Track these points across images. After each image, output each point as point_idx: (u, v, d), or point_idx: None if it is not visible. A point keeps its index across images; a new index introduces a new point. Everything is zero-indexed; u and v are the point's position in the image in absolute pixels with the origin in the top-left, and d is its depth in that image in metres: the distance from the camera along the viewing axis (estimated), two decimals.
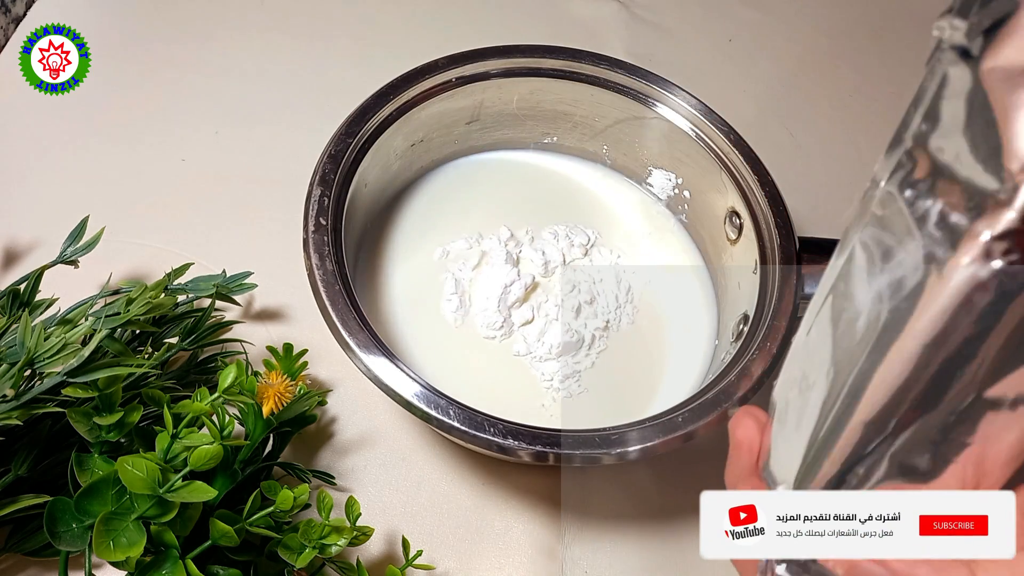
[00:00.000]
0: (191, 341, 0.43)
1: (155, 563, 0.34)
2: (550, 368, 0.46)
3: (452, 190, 0.52)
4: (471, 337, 0.47)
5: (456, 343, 0.46)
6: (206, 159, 0.57)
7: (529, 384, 0.46)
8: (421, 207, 0.51)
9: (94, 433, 0.35)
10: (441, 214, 0.51)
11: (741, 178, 0.47)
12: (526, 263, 0.49)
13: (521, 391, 0.45)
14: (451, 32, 0.66)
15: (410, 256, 0.49)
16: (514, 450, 0.36)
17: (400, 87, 0.47)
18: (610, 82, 0.50)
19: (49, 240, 0.49)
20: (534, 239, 0.51)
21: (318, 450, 0.45)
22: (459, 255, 0.49)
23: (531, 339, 0.47)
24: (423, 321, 0.47)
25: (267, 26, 0.65)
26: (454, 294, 0.47)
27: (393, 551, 0.42)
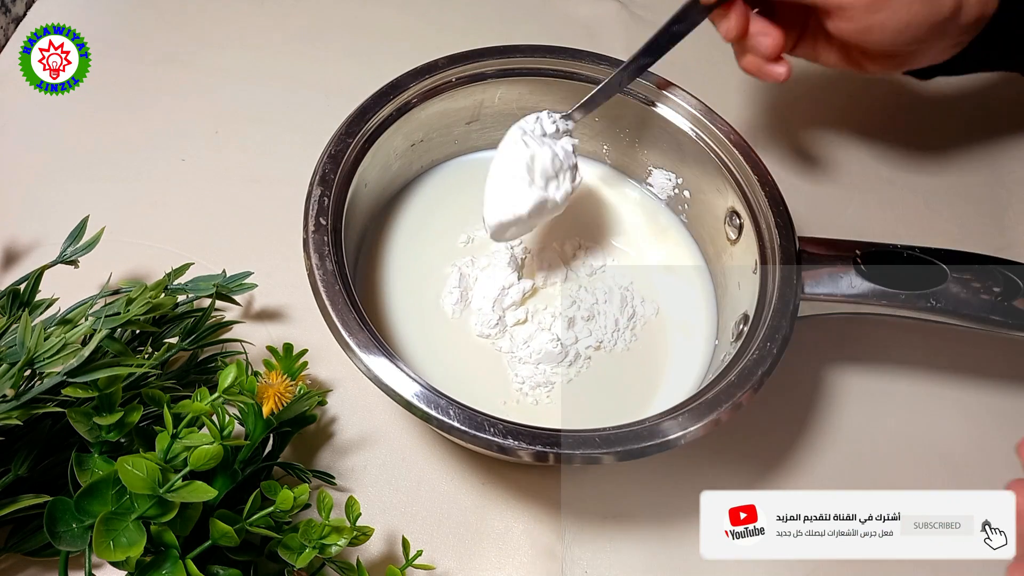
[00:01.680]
0: (191, 341, 0.43)
1: (155, 563, 0.34)
2: (525, 371, 0.45)
3: (452, 189, 0.52)
4: (466, 333, 0.47)
5: (453, 341, 0.46)
6: (206, 159, 0.57)
7: (501, 381, 0.45)
8: (421, 207, 0.51)
9: (94, 433, 0.35)
10: (441, 213, 0.51)
11: (741, 178, 0.46)
12: (529, 269, 0.49)
13: (489, 384, 0.45)
14: (451, 32, 0.66)
15: (410, 256, 0.49)
16: (514, 450, 0.36)
17: (400, 87, 0.47)
18: None
19: (49, 240, 0.50)
20: (544, 248, 0.50)
21: (318, 450, 0.45)
22: (482, 244, 0.49)
23: (517, 339, 0.46)
24: (423, 320, 0.47)
25: (267, 26, 0.65)
26: (456, 287, 0.47)
27: (393, 551, 0.42)
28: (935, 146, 0.64)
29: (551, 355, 0.45)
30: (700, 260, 0.51)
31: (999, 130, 0.66)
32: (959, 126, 0.65)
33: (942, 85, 0.69)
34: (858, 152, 0.63)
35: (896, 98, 0.67)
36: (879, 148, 0.64)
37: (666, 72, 0.50)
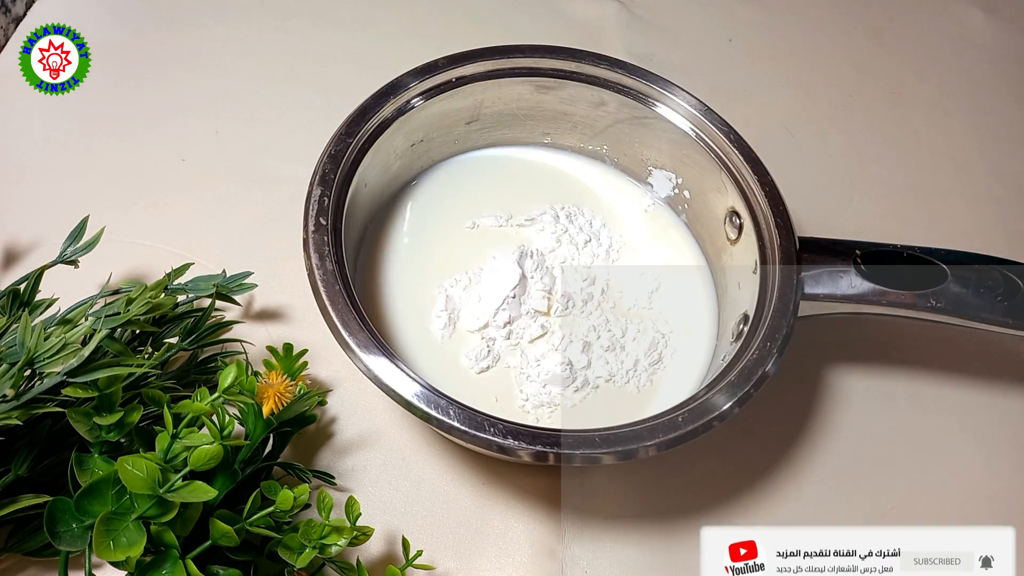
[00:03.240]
0: (191, 341, 0.43)
1: (155, 563, 0.34)
2: (530, 389, 0.45)
3: (452, 189, 0.52)
4: (467, 339, 0.47)
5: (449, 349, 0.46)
6: (206, 159, 0.57)
7: (506, 394, 0.45)
8: (421, 207, 0.51)
9: (94, 433, 0.35)
10: (442, 213, 0.51)
11: (741, 178, 0.47)
12: (536, 295, 0.47)
13: (494, 393, 0.45)
14: (451, 32, 0.66)
15: (410, 255, 0.49)
16: (514, 450, 0.36)
17: (400, 87, 0.47)
18: (610, 82, 0.50)
19: (49, 240, 0.50)
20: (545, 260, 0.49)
21: (318, 450, 0.45)
22: (487, 230, 0.49)
23: (530, 355, 0.46)
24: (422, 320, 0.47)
25: (267, 26, 0.65)
26: (443, 311, 0.46)
27: (393, 551, 0.42)
28: (935, 146, 0.64)
29: (558, 378, 0.44)
30: (700, 260, 0.51)
31: (999, 130, 0.66)
32: (959, 126, 0.66)
33: (941, 84, 0.69)
34: (858, 152, 0.64)
35: (896, 97, 0.67)
36: (879, 148, 0.64)
37: (666, 72, 0.50)
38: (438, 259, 0.49)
